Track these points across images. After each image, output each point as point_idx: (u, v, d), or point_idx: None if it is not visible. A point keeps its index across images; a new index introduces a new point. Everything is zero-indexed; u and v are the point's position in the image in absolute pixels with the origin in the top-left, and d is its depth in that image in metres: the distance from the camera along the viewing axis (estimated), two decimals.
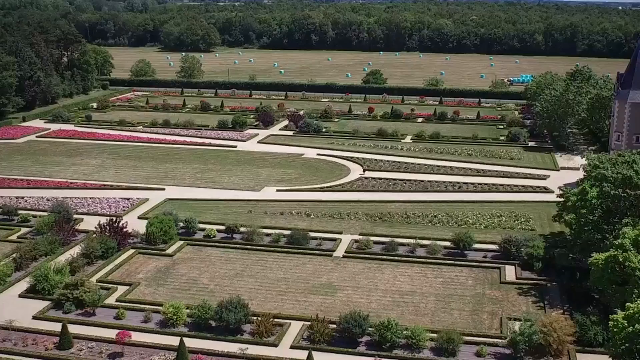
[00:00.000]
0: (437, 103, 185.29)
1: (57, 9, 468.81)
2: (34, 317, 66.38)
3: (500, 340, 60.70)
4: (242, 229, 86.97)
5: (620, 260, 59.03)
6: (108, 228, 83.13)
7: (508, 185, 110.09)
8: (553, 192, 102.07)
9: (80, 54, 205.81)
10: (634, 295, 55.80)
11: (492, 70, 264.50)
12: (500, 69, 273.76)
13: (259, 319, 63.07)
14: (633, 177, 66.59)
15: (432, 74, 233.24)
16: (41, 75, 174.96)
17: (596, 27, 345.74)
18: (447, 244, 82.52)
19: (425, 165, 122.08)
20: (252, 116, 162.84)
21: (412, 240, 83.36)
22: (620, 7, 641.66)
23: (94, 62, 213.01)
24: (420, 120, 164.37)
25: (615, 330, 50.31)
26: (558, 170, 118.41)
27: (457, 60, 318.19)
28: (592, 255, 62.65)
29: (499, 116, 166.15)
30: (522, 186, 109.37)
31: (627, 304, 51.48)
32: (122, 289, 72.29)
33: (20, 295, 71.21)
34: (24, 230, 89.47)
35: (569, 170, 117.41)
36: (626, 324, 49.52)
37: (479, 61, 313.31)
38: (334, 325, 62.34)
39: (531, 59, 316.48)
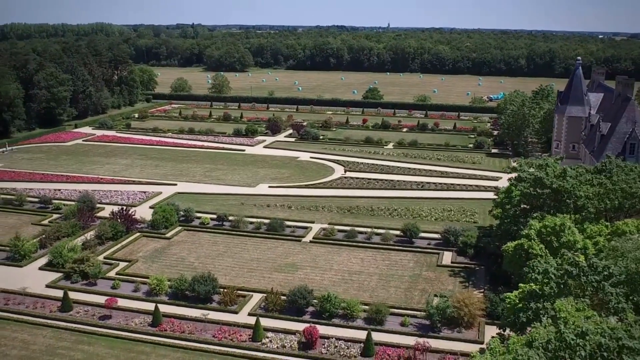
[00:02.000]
0: (422, 116, 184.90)
1: (122, 35, 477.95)
2: (47, 286, 68.46)
3: (420, 313, 61.20)
4: (230, 218, 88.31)
5: (526, 247, 59.23)
6: (119, 215, 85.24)
7: (465, 184, 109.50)
8: None
9: (128, 73, 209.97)
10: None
11: (479, 89, 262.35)
12: (486, 88, 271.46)
13: (225, 290, 64.49)
14: (543, 178, 66.47)
15: (426, 92, 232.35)
16: (92, 90, 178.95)
17: (572, 53, 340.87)
18: (399, 232, 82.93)
19: (399, 167, 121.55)
20: (263, 125, 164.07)
21: (369, 229, 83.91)
22: (600, 36, 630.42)
23: (140, 80, 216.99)
24: (405, 130, 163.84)
25: (508, 305, 50.79)
26: (510, 173, 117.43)
27: (451, 80, 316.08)
28: None
29: (473, 127, 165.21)
30: (477, 186, 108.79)
31: (520, 284, 51.83)
32: (122, 265, 74.09)
33: (40, 268, 73.48)
34: (55, 216, 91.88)
35: None
36: (517, 301, 49.98)
37: (470, 81, 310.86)
38: (285, 297, 63.49)
39: (514, 80, 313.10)
